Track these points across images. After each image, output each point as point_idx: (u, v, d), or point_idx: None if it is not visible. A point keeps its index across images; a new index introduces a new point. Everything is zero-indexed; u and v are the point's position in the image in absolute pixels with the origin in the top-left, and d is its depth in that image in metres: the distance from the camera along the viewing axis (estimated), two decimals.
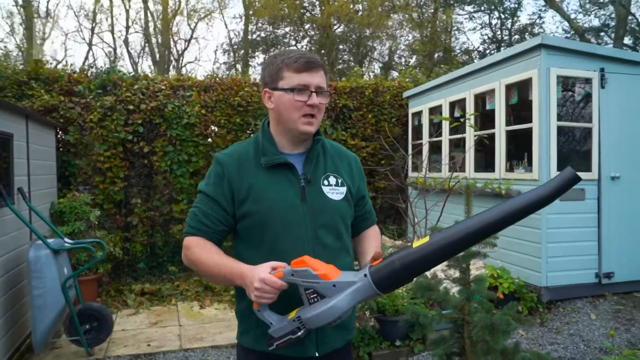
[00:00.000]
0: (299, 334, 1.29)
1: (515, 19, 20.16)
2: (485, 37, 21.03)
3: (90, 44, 21.38)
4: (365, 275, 1.23)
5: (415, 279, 2.09)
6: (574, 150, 5.09)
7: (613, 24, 17.26)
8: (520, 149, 5.10)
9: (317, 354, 1.46)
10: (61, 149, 5.96)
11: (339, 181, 1.55)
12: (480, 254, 1.87)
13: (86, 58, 21.04)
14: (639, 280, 4.90)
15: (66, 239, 4.05)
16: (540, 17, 19.89)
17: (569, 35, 17.94)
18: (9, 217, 3.70)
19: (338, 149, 1.66)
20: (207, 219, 1.48)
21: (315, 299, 1.25)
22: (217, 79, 7.12)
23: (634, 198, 4.82)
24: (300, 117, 1.46)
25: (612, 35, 17.08)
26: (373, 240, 1.66)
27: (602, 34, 18.20)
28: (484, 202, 5.35)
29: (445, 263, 2.05)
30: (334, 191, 1.53)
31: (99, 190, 5.98)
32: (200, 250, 1.46)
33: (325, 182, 1.52)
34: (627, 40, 16.90)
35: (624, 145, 4.82)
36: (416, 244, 1.19)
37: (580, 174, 3.67)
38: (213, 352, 4.06)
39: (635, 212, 4.84)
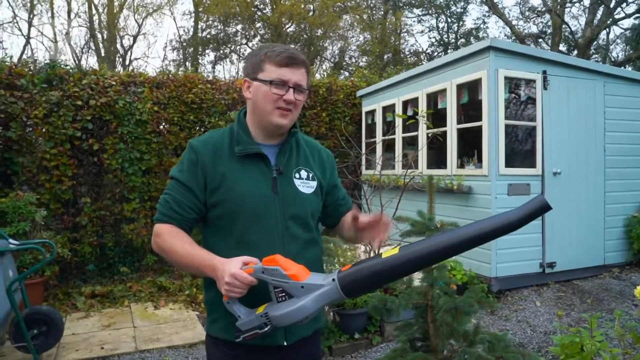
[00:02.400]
0: (266, 329, 1.31)
1: (461, 23, 20.99)
2: (433, 40, 21.75)
3: (27, 37, 20.19)
4: (333, 279, 1.26)
5: None
6: (521, 148, 5.39)
7: (550, 31, 18.33)
8: (470, 146, 5.33)
9: (285, 343, 1.48)
10: (2, 146, 5.62)
11: (310, 175, 1.57)
12: None
13: (23, 52, 19.83)
14: (578, 269, 5.27)
15: (11, 240, 3.83)
16: (484, 22, 20.83)
17: (510, 40, 18.87)
18: None
19: (311, 144, 1.68)
20: (179, 206, 1.47)
21: (284, 298, 1.28)
22: (170, 76, 6.96)
23: (573, 192, 5.16)
24: (275, 109, 1.47)
25: (549, 41, 18.14)
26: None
27: (540, 40, 19.30)
28: (437, 197, 5.54)
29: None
30: (305, 185, 1.55)
31: (45, 189, 5.68)
32: (172, 239, 1.45)
33: (297, 175, 1.54)
34: (562, 47, 18.00)
35: (564, 143, 5.15)
36: (386, 254, 1.23)
37: (525, 170, 3.90)
38: (170, 352, 3.98)
39: (575, 205, 5.19)
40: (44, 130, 5.64)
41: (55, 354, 3.89)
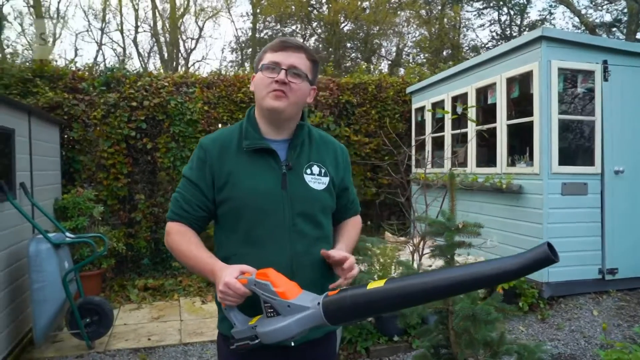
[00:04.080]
0: (256, 341, 1.30)
1: (525, 15, 19.93)
2: (494, 34, 20.83)
3: (100, 44, 21.58)
4: (318, 303, 1.22)
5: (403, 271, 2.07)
6: (577, 144, 5.02)
7: (625, 19, 16.95)
8: (522, 143, 5.04)
9: (292, 344, 1.46)
10: (66, 146, 6.03)
11: (322, 171, 1.54)
12: (465, 244, 1.85)
13: (96, 58, 21.23)
14: None
15: (67, 234, 4.09)
16: (550, 13, 19.62)
17: (579, 31, 17.67)
18: (11, 211, 3.73)
19: (325, 139, 1.64)
20: (187, 205, 1.49)
21: (272, 314, 1.26)
22: (221, 76, 7.14)
23: (638, 192, 4.73)
24: (268, 93, 1.45)
25: (625, 30, 16.78)
26: (348, 231, 1.66)
27: (614, 29, 17.89)
28: (485, 197, 5.31)
29: (429, 253, 2.04)
30: (316, 181, 1.51)
31: (103, 186, 6.03)
32: (180, 239, 1.47)
33: (308, 171, 1.51)
34: (639, 35, 16.58)
35: (628, 138, 4.73)
36: (371, 285, 1.17)
37: (582, 168, 3.63)
38: (212, 346, 4.07)
39: None
40: (102, 130, 5.97)
41: (107, 343, 4.09)
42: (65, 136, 6.01)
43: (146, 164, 6.34)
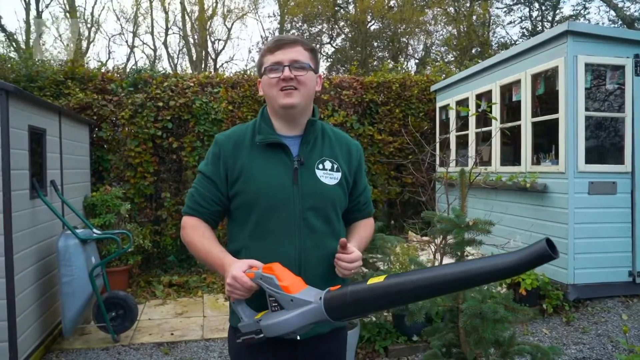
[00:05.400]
0: (261, 335, 1.31)
1: (558, 10, 19.34)
2: (525, 31, 20.28)
3: (132, 47, 22.13)
4: (320, 298, 1.23)
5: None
6: (605, 142, 4.85)
7: None
8: (547, 141, 4.92)
9: (298, 338, 1.47)
10: (96, 145, 6.22)
11: (335, 166, 1.55)
12: (475, 241, 1.82)
13: (128, 60, 21.78)
14: None
15: (95, 230, 4.22)
16: (585, 8, 18.96)
17: (616, 25, 17.02)
18: (42, 208, 3.88)
19: (339, 135, 1.65)
20: (203, 199, 1.53)
21: (276, 308, 1.27)
22: (245, 76, 7.22)
23: None
24: (278, 92, 1.48)
25: None
26: (358, 232, 1.66)
27: None
28: (510, 196, 5.19)
29: (440, 251, 2.02)
30: (328, 176, 1.53)
31: (130, 184, 6.18)
32: (194, 233, 1.51)
33: (320, 166, 1.53)
34: None
35: None
36: (371, 281, 1.18)
37: (611, 166, 3.51)
38: None
39: None
40: (129, 130, 6.13)
41: (131, 336, 4.20)
42: (95, 136, 6.20)
43: (172, 163, 6.47)
